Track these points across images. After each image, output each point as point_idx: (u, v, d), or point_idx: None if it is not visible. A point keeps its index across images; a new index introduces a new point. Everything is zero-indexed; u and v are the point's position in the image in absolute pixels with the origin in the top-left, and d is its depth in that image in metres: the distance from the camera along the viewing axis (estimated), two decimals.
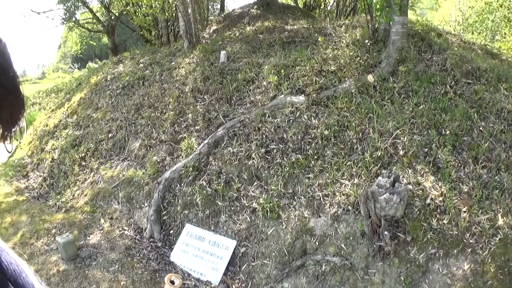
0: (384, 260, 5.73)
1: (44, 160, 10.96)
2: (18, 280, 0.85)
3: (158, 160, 8.52)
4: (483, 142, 6.51)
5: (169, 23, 17.09)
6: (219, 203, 7.28)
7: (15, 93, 0.63)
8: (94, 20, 22.02)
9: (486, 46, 13.56)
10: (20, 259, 0.90)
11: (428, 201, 5.96)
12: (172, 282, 1.69)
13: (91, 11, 21.28)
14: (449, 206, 5.81)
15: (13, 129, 0.67)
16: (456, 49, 9.35)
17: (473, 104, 7.22)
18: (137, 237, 7.57)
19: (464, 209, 5.77)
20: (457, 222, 5.68)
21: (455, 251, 5.51)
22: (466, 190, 6.00)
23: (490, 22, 22.85)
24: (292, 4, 20.08)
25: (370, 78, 7.95)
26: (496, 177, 6.04)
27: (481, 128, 6.77)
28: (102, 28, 21.97)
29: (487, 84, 7.60)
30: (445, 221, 5.72)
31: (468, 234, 5.57)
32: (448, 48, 8.94)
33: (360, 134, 7.21)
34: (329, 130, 7.37)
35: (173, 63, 11.74)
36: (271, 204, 6.77)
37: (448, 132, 6.80)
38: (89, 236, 7.51)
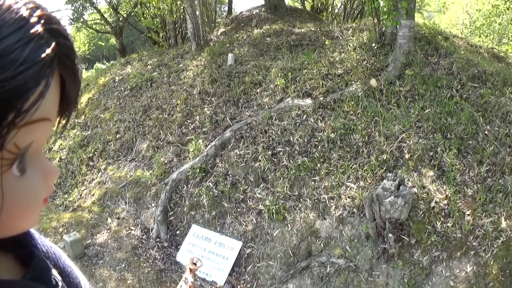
0: (388, 262, 5.78)
1: (52, 159, 11.02)
2: (59, 262, 0.92)
3: (166, 161, 8.58)
4: (488, 146, 6.55)
5: (176, 25, 17.15)
6: (226, 204, 7.34)
7: (78, 76, 0.71)
8: (102, 21, 22.09)
9: (492, 49, 13.58)
10: (56, 246, 0.96)
11: (432, 204, 6.00)
12: (195, 264, 1.77)
13: (99, 12, 21.35)
14: (453, 209, 5.85)
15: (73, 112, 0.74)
16: (462, 52, 9.37)
17: (479, 108, 7.25)
18: (143, 237, 7.63)
19: (468, 212, 5.82)
20: (461, 225, 5.73)
21: (459, 253, 5.55)
22: (470, 193, 6.04)
23: (497, 25, 22.84)
24: (300, 7, 20.09)
25: (373, 82, 7.98)
26: (500, 181, 6.08)
27: (486, 132, 6.80)
28: (110, 29, 22.04)
29: (493, 88, 7.62)
30: (449, 224, 5.76)
31: (472, 237, 5.62)
32: (454, 52, 8.96)
33: (366, 137, 7.25)
34: (335, 133, 7.42)
35: (181, 65, 11.79)
36: (277, 206, 6.82)
37: (453, 135, 6.84)
38: (96, 235, 7.57)
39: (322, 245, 6.32)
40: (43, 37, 0.63)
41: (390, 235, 5.63)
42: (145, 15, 17.48)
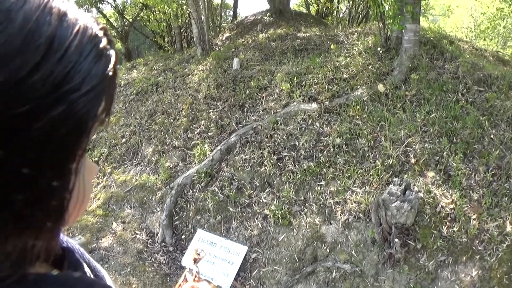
0: (394, 267, 5.77)
1: None
2: (84, 258, 0.96)
3: (171, 166, 8.60)
4: (493, 150, 6.54)
5: (182, 30, 17.18)
6: (231, 209, 7.34)
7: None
8: (108, 26, 22.08)
9: (497, 52, 13.55)
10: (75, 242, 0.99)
11: (438, 208, 5.99)
12: (199, 254, 1.81)
13: (104, 16, 21.32)
14: (459, 213, 5.84)
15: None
16: (468, 56, 9.37)
17: (484, 112, 7.24)
18: (149, 241, 7.64)
19: (473, 217, 5.81)
20: (467, 230, 5.71)
21: (464, 258, 5.54)
22: (476, 197, 6.03)
23: (502, 28, 22.79)
24: (305, 11, 20.09)
25: (380, 87, 7.99)
26: (505, 185, 6.07)
27: (492, 136, 6.79)
28: (115, 34, 22.06)
29: (498, 92, 7.61)
30: (455, 229, 5.75)
31: (477, 241, 5.61)
32: (460, 56, 8.95)
33: (372, 142, 7.24)
34: (341, 138, 7.42)
35: (186, 69, 11.82)
36: (282, 211, 6.82)
37: (459, 140, 6.83)
38: (101, 239, 7.59)
39: (327, 250, 6.31)
40: (108, 49, 0.70)
41: (396, 240, 5.62)
42: (150, 19, 17.51)
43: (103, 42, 0.69)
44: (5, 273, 0.66)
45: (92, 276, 0.92)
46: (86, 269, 0.92)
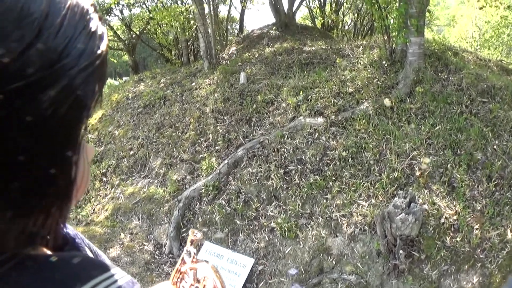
0: (399, 277, 5.84)
1: None
2: (85, 242, 1.00)
3: (179, 179, 8.68)
4: (496, 160, 6.63)
5: (189, 43, 17.29)
6: (238, 222, 7.41)
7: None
8: (115, 38, 22.20)
9: (501, 62, 13.64)
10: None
11: (442, 220, 6.08)
12: (195, 236, 1.83)
13: (112, 28, 21.39)
14: (463, 224, 5.94)
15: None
16: (472, 67, 9.45)
17: (488, 123, 7.32)
18: (156, 252, 7.71)
19: (476, 226, 5.91)
20: (469, 239, 5.82)
21: (466, 266, 5.65)
22: (479, 208, 6.13)
23: (506, 37, 22.84)
24: (310, 24, 20.17)
25: (387, 101, 8.07)
26: (507, 194, 6.17)
27: (495, 147, 6.88)
28: (122, 46, 22.16)
29: (502, 102, 7.69)
30: (458, 239, 5.84)
31: (479, 250, 5.73)
32: (464, 67, 9.03)
33: (377, 155, 7.32)
34: (347, 152, 7.50)
35: (193, 83, 11.91)
36: (289, 224, 6.89)
37: (463, 151, 6.91)
38: (109, 250, 7.64)
39: (333, 262, 6.38)
40: (100, 27, 0.70)
41: (400, 251, 5.69)
42: (157, 32, 17.61)
43: (95, 20, 0.69)
44: (10, 253, 0.68)
45: None
46: (88, 252, 0.96)
